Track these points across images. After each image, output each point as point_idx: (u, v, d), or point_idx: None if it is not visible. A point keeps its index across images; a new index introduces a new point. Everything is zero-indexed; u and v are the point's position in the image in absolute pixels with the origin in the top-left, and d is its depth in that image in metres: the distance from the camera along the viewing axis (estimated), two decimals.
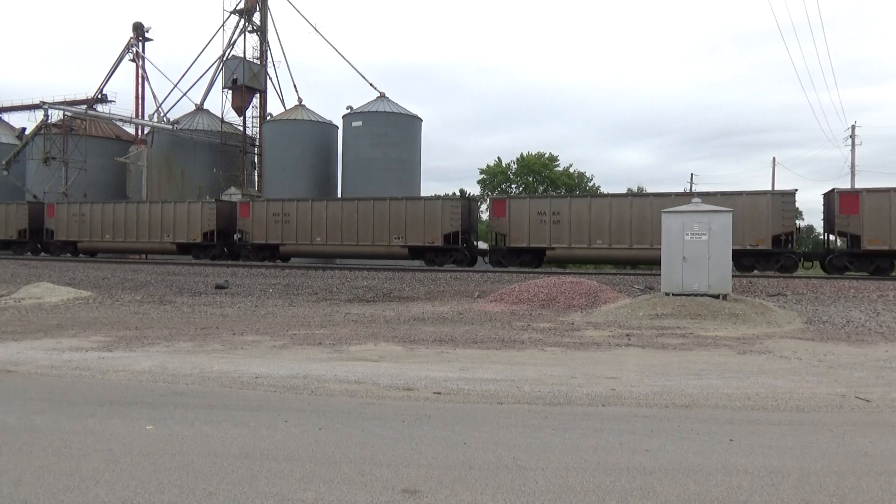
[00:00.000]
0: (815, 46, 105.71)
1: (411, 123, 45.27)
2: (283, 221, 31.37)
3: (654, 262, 23.39)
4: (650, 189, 51.95)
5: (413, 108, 46.25)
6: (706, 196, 22.82)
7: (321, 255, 33.73)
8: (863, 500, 4.00)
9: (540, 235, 26.66)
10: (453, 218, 28.45)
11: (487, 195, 53.71)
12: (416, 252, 29.55)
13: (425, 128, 50.46)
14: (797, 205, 25.34)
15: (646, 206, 25.42)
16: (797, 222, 25.66)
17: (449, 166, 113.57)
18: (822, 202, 25.47)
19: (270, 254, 31.96)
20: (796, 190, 24.84)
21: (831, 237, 25.30)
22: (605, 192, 36.21)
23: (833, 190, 24.57)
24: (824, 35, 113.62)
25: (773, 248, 24.23)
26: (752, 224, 24.13)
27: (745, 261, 24.52)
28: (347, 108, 44.77)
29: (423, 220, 28.85)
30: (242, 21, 46.84)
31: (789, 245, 24.61)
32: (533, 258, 27.22)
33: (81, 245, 36.53)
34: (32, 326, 12.58)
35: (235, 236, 33.65)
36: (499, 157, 57.63)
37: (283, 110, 48.34)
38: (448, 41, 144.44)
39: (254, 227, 31.90)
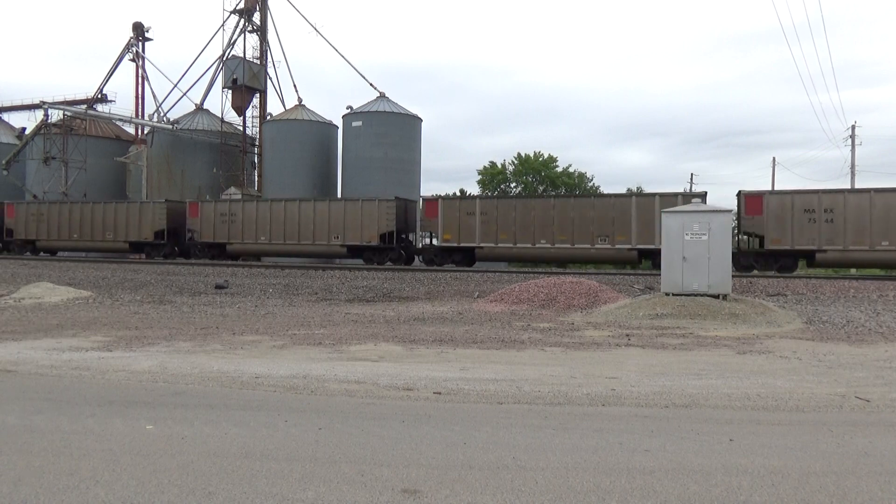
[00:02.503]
0: (815, 48, 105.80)
1: (411, 123, 45.27)
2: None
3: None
4: (649, 189, 51.88)
5: (414, 109, 46.25)
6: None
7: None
8: (863, 500, 4.00)
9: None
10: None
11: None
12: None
13: (427, 128, 50.58)
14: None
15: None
16: None
17: (451, 166, 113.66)
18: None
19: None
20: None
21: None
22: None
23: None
24: (825, 36, 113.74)
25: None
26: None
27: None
28: (347, 108, 44.77)
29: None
30: (242, 21, 46.84)
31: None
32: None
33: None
34: (32, 326, 12.58)
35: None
36: (492, 162, 57.65)
37: (283, 110, 48.33)
38: (450, 42, 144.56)
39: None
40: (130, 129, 53.94)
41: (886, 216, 23.00)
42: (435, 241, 29.01)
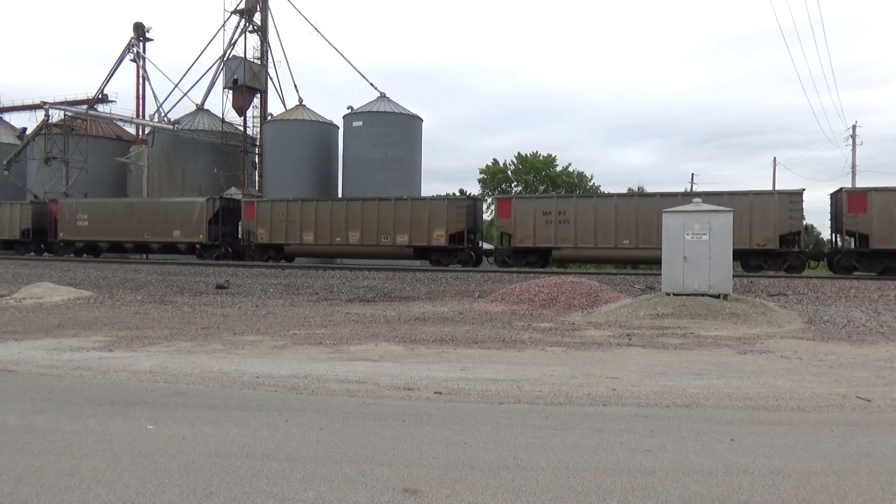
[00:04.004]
0: (816, 49, 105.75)
1: (412, 123, 45.26)
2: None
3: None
4: (650, 189, 51.93)
5: (415, 110, 46.26)
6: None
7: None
8: (863, 500, 4.00)
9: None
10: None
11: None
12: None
13: (428, 129, 50.54)
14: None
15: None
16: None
17: (451, 167, 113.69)
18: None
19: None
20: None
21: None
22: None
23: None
24: (825, 38, 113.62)
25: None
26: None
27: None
28: (348, 108, 44.76)
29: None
30: (243, 21, 46.83)
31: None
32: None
33: None
34: (33, 326, 12.58)
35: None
36: (495, 160, 57.62)
37: (283, 110, 48.33)
38: (451, 42, 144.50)
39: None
40: (131, 130, 53.95)
41: None
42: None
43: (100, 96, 51.54)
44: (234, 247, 34.23)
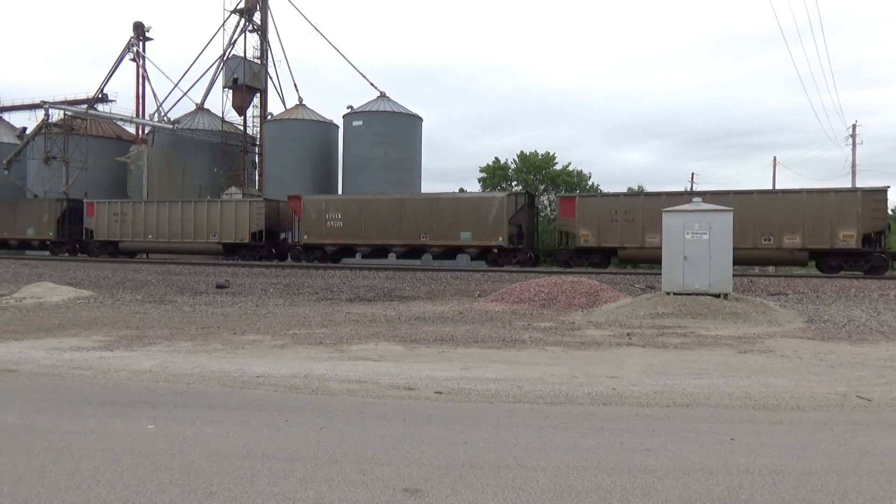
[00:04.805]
0: (816, 50, 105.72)
1: (412, 123, 45.27)
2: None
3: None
4: (650, 189, 51.80)
5: (416, 110, 46.27)
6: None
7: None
8: (864, 500, 4.00)
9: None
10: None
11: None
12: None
13: (428, 128, 50.56)
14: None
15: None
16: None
17: (452, 167, 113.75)
18: None
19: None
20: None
21: None
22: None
23: None
24: (825, 38, 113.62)
25: (862, 247, 23.58)
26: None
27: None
28: (348, 108, 44.78)
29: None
30: (243, 20, 46.83)
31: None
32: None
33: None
34: (34, 326, 12.58)
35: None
36: (496, 158, 57.53)
37: (283, 110, 48.35)
38: (452, 43, 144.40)
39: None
40: (131, 129, 53.95)
41: None
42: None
43: (100, 96, 51.54)
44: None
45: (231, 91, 46.66)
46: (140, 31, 52.05)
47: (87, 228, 37.05)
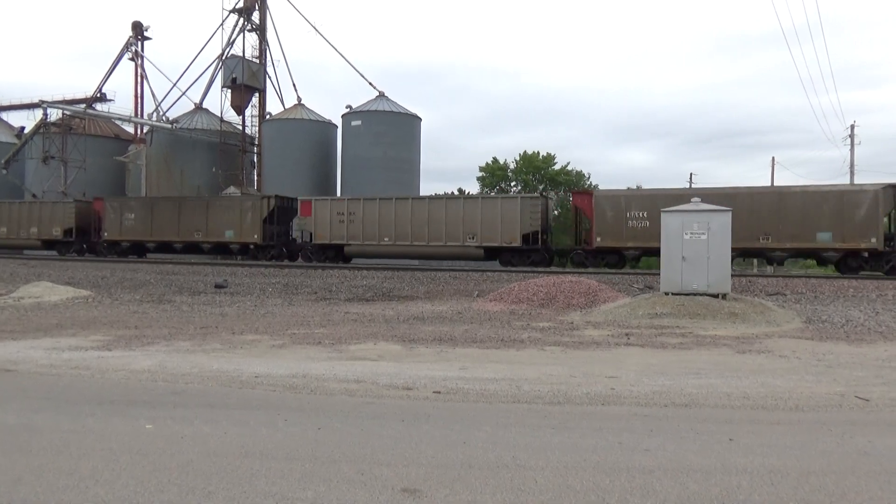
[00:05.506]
0: (815, 50, 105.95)
1: (410, 123, 45.29)
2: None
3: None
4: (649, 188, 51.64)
5: (415, 110, 46.31)
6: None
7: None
8: (862, 500, 4.00)
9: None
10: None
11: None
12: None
13: (428, 128, 50.58)
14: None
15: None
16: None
17: (452, 167, 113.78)
18: None
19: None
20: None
21: None
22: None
23: None
24: (825, 39, 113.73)
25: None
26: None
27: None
28: (347, 108, 44.79)
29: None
30: (242, 20, 46.84)
31: None
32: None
33: None
34: (32, 325, 12.57)
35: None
36: (495, 158, 57.57)
37: (282, 109, 48.36)
38: (452, 43, 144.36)
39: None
40: (130, 129, 53.89)
41: None
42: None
43: (98, 95, 51.50)
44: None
45: (230, 91, 46.67)
46: (139, 30, 52.01)
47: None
